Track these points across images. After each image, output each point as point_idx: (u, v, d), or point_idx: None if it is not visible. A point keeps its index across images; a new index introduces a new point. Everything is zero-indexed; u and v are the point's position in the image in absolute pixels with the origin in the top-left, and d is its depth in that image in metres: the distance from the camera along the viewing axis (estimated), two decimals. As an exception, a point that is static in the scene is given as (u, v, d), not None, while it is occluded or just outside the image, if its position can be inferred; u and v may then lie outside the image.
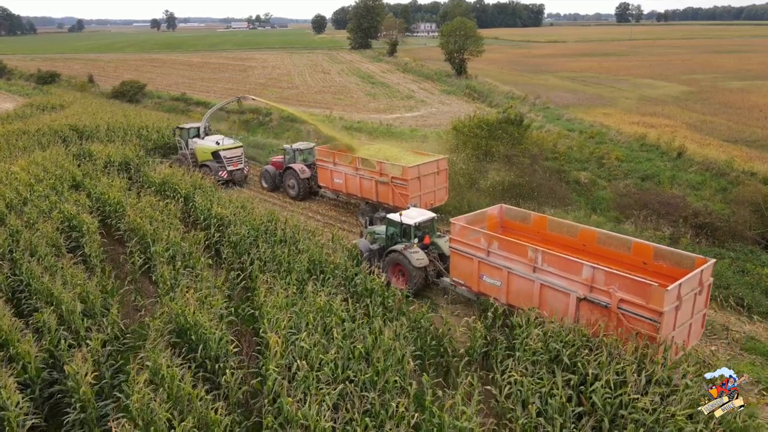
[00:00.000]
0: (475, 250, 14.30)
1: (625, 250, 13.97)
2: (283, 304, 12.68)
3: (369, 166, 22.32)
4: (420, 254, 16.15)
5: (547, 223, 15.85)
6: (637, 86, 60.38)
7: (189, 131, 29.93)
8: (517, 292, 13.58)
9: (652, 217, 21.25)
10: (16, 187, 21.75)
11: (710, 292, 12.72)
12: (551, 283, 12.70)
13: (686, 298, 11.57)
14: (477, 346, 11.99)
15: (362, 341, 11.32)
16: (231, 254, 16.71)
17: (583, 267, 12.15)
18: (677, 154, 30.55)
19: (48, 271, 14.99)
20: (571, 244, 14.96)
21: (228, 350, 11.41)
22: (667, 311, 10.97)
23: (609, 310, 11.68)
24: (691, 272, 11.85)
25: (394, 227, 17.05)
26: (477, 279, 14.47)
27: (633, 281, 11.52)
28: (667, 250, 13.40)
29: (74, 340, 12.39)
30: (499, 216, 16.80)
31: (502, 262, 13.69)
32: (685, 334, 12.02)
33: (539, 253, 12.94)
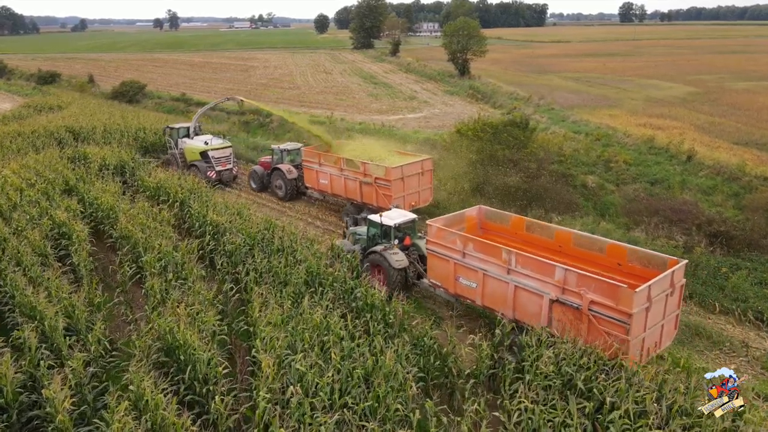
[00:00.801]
0: (451, 252, 14.21)
1: (600, 252, 13.93)
2: (278, 320, 11.96)
3: (353, 166, 22.33)
4: (400, 255, 16.03)
5: (524, 224, 15.84)
6: (642, 87, 59.54)
7: (179, 131, 29.86)
8: (492, 293, 13.52)
9: (663, 225, 20.49)
10: (7, 191, 21.08)
11: (683, 292, 12.68)
12: (525, 284, 12.68)
13: (657, 299, 11.48)
14: (483, 367, 11.26)
15: (362, 363, 10.59)
16: (226, 264, 16.00)
17: (555, 269, 12.09)
18: (687, 157, 29.74)
19: (33, 282, 14.31)
20: (548, 246, 14.97)
21: (218, 373, 10.68)
22: (637, 313, 10.90)
23: (580, 312, 11.62)
24: (661, 274, 11.74)
25: (375, 228, 17.05)
26: (453, 281, 14.39)
27: (603, 283, 11.48)
28: (641, 251, 13.38)
29: (56, 358, 11.70)
30: (478, 217, 16.77)
31: (478, 264, 13.65)
32: (657, 335, 11.96)
33: (513, 255, 12.89)
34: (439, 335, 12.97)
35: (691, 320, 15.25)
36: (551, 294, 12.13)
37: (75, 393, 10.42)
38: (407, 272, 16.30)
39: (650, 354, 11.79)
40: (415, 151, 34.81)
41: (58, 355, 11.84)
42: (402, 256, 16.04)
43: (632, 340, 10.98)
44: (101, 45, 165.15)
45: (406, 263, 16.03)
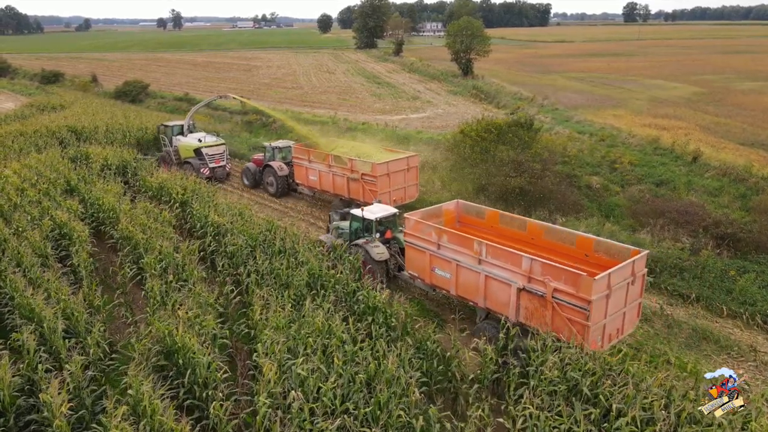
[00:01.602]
0: (427, 244, 14.63)
1: (570, 243, 14.36)
2: (280, 324, 11.79)
3: (341, 163, 22.77)
4: (381, 248, 16.43)
5: (499, 217, 16.32)
6: (647, 87, 59.20)
7: (173, 129, 30.28)
8: (465, 283, 13.93)
9: (670, 227, 20.23)
10: (8, 192, 20.98)
11: (644, 282, 13.09)
12: (495, 274, 13.09)
13: (617, 287, 11.90)
14: (488, 372, 11.07)
15: (364, 367, 10.42)
16: (227, 266, 15.84)
17: (522, 259, 12.51)
18: (692, 158, 29.46)
19: (33, 283, 14.18)
20: (521, 238, 15.43)
21: (217, 378, 10.52)
22: (596, 299, 11.36)
23: (545, 300, 12.08)
24: (621, 263, 12.17)
25: (357, 222, 17.39)
26: (429, 271, 14.81)
27: (565, 271, 11.90)
28: (607, 242, 13.82)
29: (55, 361, 11.57)
30: (456, 211, 17.21)
31: (451, 255, 14.05)
32: (618, 322, 12.41)
33: (483, 246, 13.27)
34: (442, 339, 12.78)
35: (698, 324, 15.04)
36: (518, 283, 12.56)
37: (73, 397, 10.30)
38: (388, 264, 16.61)
39: (612, 340, 12.32)
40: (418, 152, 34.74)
41: (56, 358, 11.71)
42: (383, 249, 16.43)
43: (592, 325, 11.47)
44: (105, 45, 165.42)
45: (386, 256, 16.40)
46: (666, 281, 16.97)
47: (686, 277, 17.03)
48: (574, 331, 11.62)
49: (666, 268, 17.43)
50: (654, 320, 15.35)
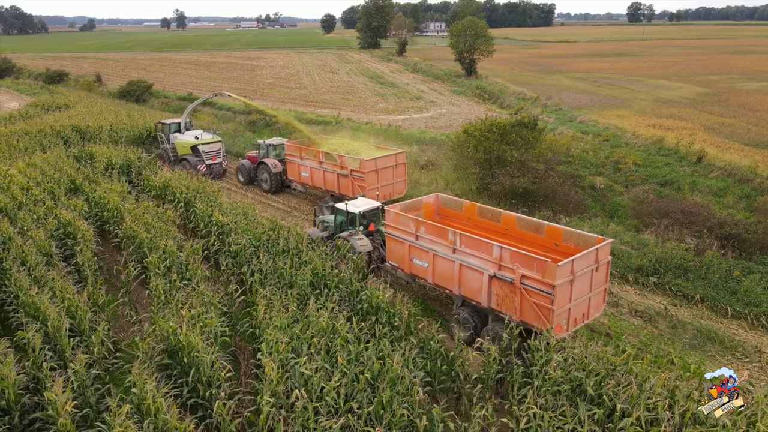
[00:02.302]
0: (406, 235, 15.19)
1: (540, 233, 14.99)
2: (284, 323, 11.80)
3: (331, 159, 23.39)
4: (364, 240, 16.93)
5: (476, 209, 16.88)
6: (651, 87, 59.06)
7: (170, 126, 30.76)
8: (441, 272, 14.47)
9: (674, 227, 20.18)
10: (12, 191, 21.04)
11: (609, 269, 13.61)
12: (468, 263, 13.64)
13: (581, 273, 12.48)
14: (491, 372, 11.05)
15: (368, 367, 10.41)
16: (231, 265, 15.85)
17: (493, 247, 13.07)
18: (697, 158, 29.40)
19: (37, 282, 14.22)
20: (496, 229, 16.05)
21: (220, 377, 10.52)
22: (560, 284, 11.95)
23: (514, 286, 12.67)
24: (585, 250, 12.79)
25: (341, 216, 17.82)
26: (408, 261, 15.39)
27: (531, 258, 12.47)
28: (575, 232, 14.34)
29: (59, 360, 11.60)
30: (436, 204, 17.85)
31: (428, 245, 14.60)
32: (584, 307, 13.02)
33: (457, 236, 13.86)
34: (445, 338, 12.77)
35: (702, 324, 14.99)
36: (490, 270, 13.12)
37: (77, 395, 10.32)
38: (372, 256, 17.05)
39: (577, 324, 12.97)
40: (421, 152, 34.72)
41: (61, 357, 11.73)
42: (366, 241, 16.95)
43: (557, 309, 12.07)
44: (109, 44, 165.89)
45: (369, 248, 16.90)
46: (670, 281, 16.92)
47: (691, 277, 16.97)
48: (541, 315, 12.22)
49: (670, 269, 17.38)
50: (658, 320, 15.31)
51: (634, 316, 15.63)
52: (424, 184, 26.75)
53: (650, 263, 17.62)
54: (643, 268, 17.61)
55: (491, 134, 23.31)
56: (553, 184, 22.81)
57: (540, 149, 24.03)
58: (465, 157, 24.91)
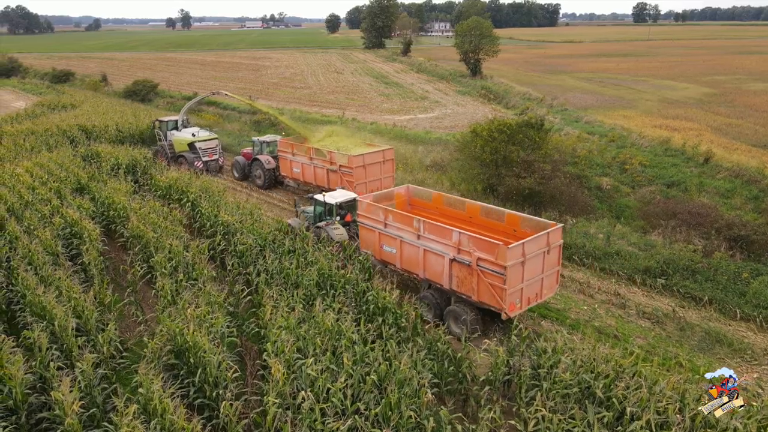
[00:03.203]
0: (376, 223, 16.00)
1: (501, 221, 15.86)
2: (290, 324, 11.76)
3: (321, 155, 24.13)
4: (340, 230, 17.77)
5: (443, 199, 17.75)
6: (657, 88, 58.80)
7: (167, 124, 31.33)
8: (408, 257, 15.28)
9: (681, 228, 20.05)
10: (19, 190, 21.10)
11: (560, 252, 14.50)
12: (431, 248, 14.47)
13: (532, 255, 13.34)
14: (499, 374, 10.98)
15: (375, 368, 10.37)
16: (237, 265, 15.83)
17: (452, 232, 13.94)
18: (704, 159, 29.22)
19: (44, 281, 14.24)
20: (461, 217, 16.88)
21: (227, 378, 10.49)
22: (511, 265, 12.83)
23: (471, 268, 13.48)
24: (535, 234, 13.65)
25: (320, 207, 18.59)
26: (379, 248, 16.15)
27: (485, 242, 13.33)
28: (531, 219, 15.23)
29: (66, 359, 11.60)
30: (407, 195, 18.71)
31: (396, 232, 15.43)
32: (537, 287, 13.90)
33: (421, 223, 14.68)
34: (452, 340, 12.70)
35: (711, 327, 14.86)
36: (450, 254, 13.95)
37: (84, 395, 10.31)
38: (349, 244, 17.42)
39: (531, 303, 13.90)
40: (427, 152, 34.65)
41: (68, 356, 11.73)
42: (342, 231, 17.77)
43: (509, 289, 12.97)
44: (114, 44, 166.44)
45: (345, 237, 17.58)
46: (678, 283, 16.80)
47: (699, 279, 16.84)
48: (495, 295, 13.10)
49: (678, 270, 17.26)
50: (666, 322, 15.20)
51: (642, 317, 15.53)
52: (430, 185, 26.64)
53: (658, 265, 17.51)
54: (650, 270, 17.49)
55: (500, 135, 23.20)
56: (559, 184, 22.71)
57: (546, 150, 23.92)
58: (471, 158, 24.81)
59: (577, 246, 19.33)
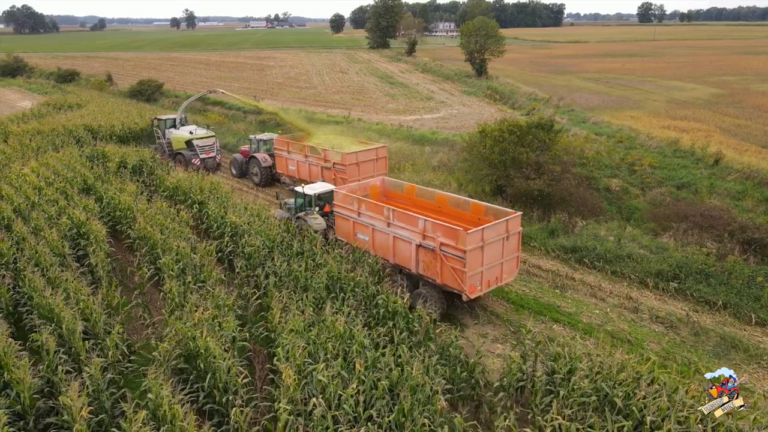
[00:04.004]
0: (351, 212, 16.96)
1: (467, 210, 16.91)
2: (299, 328, 11.59)
3: (315, 153, 24.66)
4: (319, 219, 18.63)
5: (415, 190, 18.77)
6: (664, 88, 58.42)
7: (166, 122, 31.95)
8: (380, 244, 16.22)
9: (693, 231, 19.78)
10: (25, 190, 21.01)
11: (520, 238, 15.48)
12: (400, 234, 15.45)
13: (491, 241, 14.33)
14: (513, 380, 10.78)
15: (387, 374, 10.18)
16: (245, 267, 15.66)
17: (418, 220, 14.91)
18: (714, 161, 28.92)
19: (51, 283, 14.11)
20: (431, 207, 17.90)
21: (237, 383, 10.32)
22: (470, 250, 13.81)
23: (435, 252, 14.48)
24: (494, 221, 14.70)
25: (300, 198, 19.43)
26: (353, 236, 17.03)
27: (447, 228, 14.30)
28: (493, 207, 16.32)
29: (74, 363, 11.46)
30: (382, 186, 19.64)
31: (368, 221, 16.38)
32: (497, 271, 14.93)
33: (391, 211, 15.64)
34: (463, 344, 12.52)
35: (726, 332, 14.62)
36: (416, 240, 14.93)
37: (92, 400, 10.17)
38: (326, 234, 18.51)
39: (491, 286, 14.94)
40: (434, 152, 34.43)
41: (75, 360, 11.60)
42: (320, 220, 18.61)
43: (469, 272, 13.93)
44: (119, 44, 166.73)
45: (323, 226, 18.50)
46: (691, 287, 16.56)
47: (712, 283, 16.59)
48: (456, 277, 14.01)
49: (691, 274, 17.01)
50: (680, 327, 14.97)
51: (655, 322, 15.30)
52: (437, 186, 26.41)
53: (670, 268, 17.27)
54: (663, 273, 17.25)
55: (509, 135, 22.97)
56: (569, 186, 22.45)
57: (556, 151, 23.68)
58: (479, 158, 24.58)
59: (587, 248, 19.11)
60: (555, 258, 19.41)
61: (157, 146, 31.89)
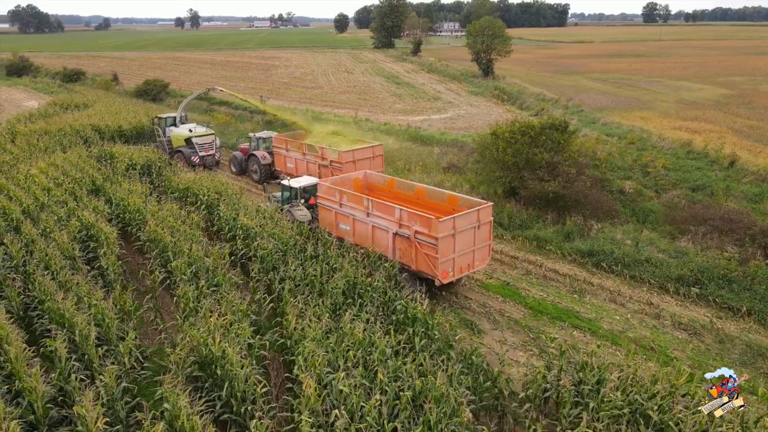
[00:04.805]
0: (333, 204, 17.70)
1: (443, 201, 17.64)
2: (318, 335, 11.27)
3: (313, 151, 24.95)
4: (303, 211, 19.47)
5: (395, 183, 19.52)
6: (672, 89, 57.95)
7: (166, 120, 32.36)
8: (360, 233, 16.96)
9: (713, 235, 19.41)
10: (34, 191, 20.76)
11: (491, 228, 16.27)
12: (378, 224, 16.24)
13: (462, 229, 15.12)
14: (539, 390, 10.45)
15: (410, 384, 9.86)
16: (259, 271, 15.34)
17: (395, 209, 15.72)
18: (729, 162, 28.53)
19: (62, 287, 13.83)
20: (409, 198, 18.64)
21: (256, 393, 10.02)
22: (442, 237, 14.61)
23: (410, 240, 15.29)
24: (466, 210, 15.53)
25: (287, 191, 20.41)
26: (335, 226, 17.85)
27: (422, 216, 15.18)
28: (468, 199, 17.02)
29: (86, 369, 11.17)
30: (364, 179, 20.44)
31: (349, 211, 17.15)
32: (469, 258, 15.67)
33: (370, 202, 16.46)
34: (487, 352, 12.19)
35: (751, 339, 14.27)
36: (393, 228, 15.72)
37: (107, 409, 9.88)
38: (312, 224, 19.05)
39: (463, 272, 15.67)
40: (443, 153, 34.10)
41: (88, 367, 11.31)
42: (305, 212, 19.48)
43: (441, 258, 14.74)
44: (124, 44, 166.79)
45: (308, 217, 19.27)
46: (714, 293, 16.19)
47: (735, 288, 16.22)
48: (430, 263, 14.80)
49: (713, 279, 16.65)
50: (704, 334, 14.61)
51: (678, 329, 14.94)
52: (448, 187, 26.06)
53: (691, 273, 16.91)
54: (683, 278, 16.89)
55: (522, 136, 22.61)
56: (584, 188, 22.08)
57: (570, 152, 23.31)
58: (491, 160, 24.22)
59: (605, 252, 18.76)
60: (572, 262, 19.06)
61: (158, 144, 32.20)
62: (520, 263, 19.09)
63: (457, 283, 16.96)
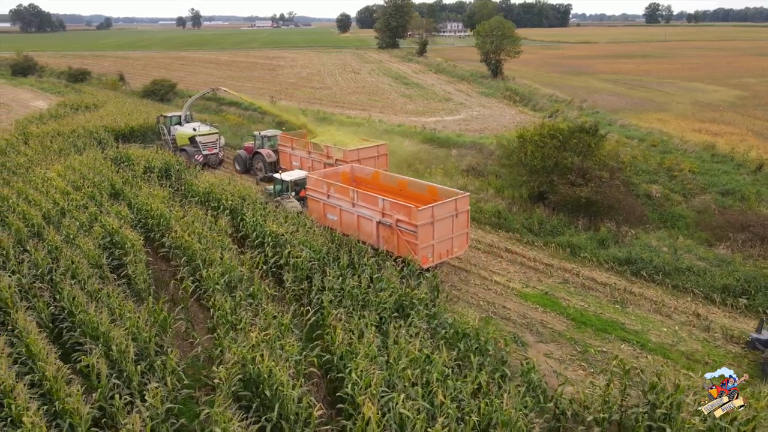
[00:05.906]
0: (321, 195, 18.75)
1: (424, 192, 18.65)
2: (371, 352, 10.71)
3: (318, 150, 25.15)
4: (294, 203, 20.52)
5: (380, 176, 20.63)
6: (685, 90, 57.44)
7: (171, 119, 32.62)
8: (346, 223, 17.98)
9: (754, 242, 18.87)
10: (53, 195, 20.18)
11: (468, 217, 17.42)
12: (363, 213, 17.28)
13: (441, 218, 16.22)
14: (610, 413, 9.87)
15: (475, 406, 9.30)
16: (294, 281, 14.76)
17: (378, 199, 16.81)
18: (757, 166, 27.98)
19: (92, 298, 13.26)
20: (393, 190, 19.66)
21: (312, 417, 9.44)
22: (421, 225, 15.70)
23: (392, 228, 16.31)
24: (443, 200, 16.58)
25: (279, 184, 21.45)
26: (324, 216, 18.77)
27: (403, 206, 16.30)
28: (447, 190, 18.11)
29: (126, 387, 10.60)
30: (351, 172, 21.50)
31: (336, 202, 18.22)
32: (448, 245, 16.78)
33: (355, 193, 17.56)
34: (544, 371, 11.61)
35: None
36: (377, 217, 16.74)
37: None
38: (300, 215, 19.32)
39: (442, 258, 16.82)
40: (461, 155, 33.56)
41: (127, 384, 10.74)
42: (296, 203, 20.49)
43: (420, 244, 15.80)
44: (127, 43, 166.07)
45: (299, 208, 20.03)
46: (763, 303, 15.63)
47: (786, 300, 15.67)
48: (410, 249, 15.80)
49: (760, 289, 16.08)
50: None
51: (730, 342, 14.37)
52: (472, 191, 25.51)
53: (737, 282, 16.36)
54: (729, 288, 16.35)
55: (551, 140, 22.06)
56: (617, 193, 21.53)
57: (600, 156, 22.76)
58: (518, 164, 23.67)
59: (643, 260, 18.20)
60: (609, 270, 18.50)
61: (162, 142, 32.35)
62: (555, 271, 18.53)
63: (438, 268, 17.44)
